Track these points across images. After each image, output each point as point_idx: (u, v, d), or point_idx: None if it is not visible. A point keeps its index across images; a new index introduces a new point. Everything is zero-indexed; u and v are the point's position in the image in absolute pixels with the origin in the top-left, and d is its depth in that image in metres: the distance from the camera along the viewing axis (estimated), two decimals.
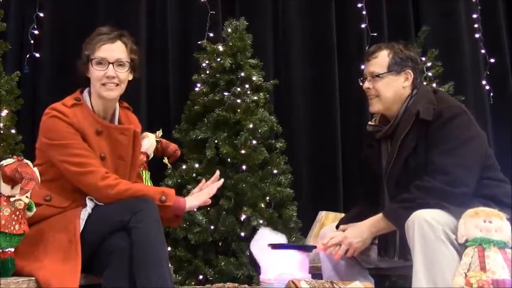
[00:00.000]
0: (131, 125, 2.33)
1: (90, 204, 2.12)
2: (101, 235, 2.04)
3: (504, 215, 2.08)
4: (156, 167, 3.05)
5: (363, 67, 2.55)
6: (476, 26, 4.45)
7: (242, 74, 3.45)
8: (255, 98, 3.45)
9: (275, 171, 3.37)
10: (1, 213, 1.95)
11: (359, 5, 4.23)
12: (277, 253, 2.28)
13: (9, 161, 2.00)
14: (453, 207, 2.12)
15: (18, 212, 1.98)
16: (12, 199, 1.97)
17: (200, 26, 3.87)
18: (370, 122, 2.56)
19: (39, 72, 3.67)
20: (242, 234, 3.18)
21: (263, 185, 3.30)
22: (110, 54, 2.20)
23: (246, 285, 2.20)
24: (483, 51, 4.43)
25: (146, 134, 2.86)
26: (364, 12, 4.21)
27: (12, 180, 1.98)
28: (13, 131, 3.14)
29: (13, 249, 1.98)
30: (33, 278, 1.99)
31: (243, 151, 3.29)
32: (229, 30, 3.56)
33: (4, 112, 3.11)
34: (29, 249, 2.04)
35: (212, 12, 3.87)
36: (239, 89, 3.43)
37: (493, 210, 2.08)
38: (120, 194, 2.09)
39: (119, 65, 2.21)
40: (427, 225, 2.05)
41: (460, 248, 2.06)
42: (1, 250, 1.96)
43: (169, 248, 3.07)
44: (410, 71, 2.41)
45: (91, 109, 2.24)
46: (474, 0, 4.46)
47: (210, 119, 3.38)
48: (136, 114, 2.49)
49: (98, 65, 2.20)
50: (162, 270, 1.96)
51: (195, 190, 2.34)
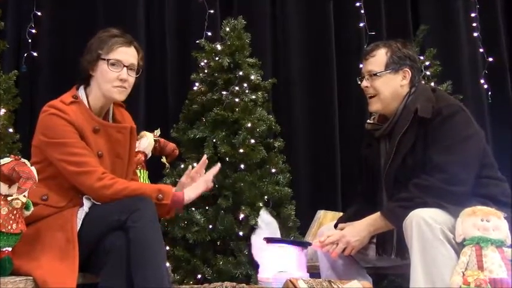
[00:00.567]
0: (127, 123, 2.34)
1: (87, 203, 2.12)
2: (98, 234, 2.04)
3: (502, 214, 2.08)
4: (154, 166, 3.04)
5: (361, 66, 2.55)
6: (474, 25, 4.44)
7: (240, 73, 3.44)
8: (253, 97, 3.45)
9: (273, 170, 3.37)
10: None
11: (357, 4, 4.22)
12: (273, 250, 2.28)
13: (6, 160, 1.99)
14: (451, 206, 2.12)
15: (15, 211, 1.98)
16: (9, 198, 1.97)
17: (198, 25, 3.87)
18: (368, 121, 2.56)
19: (36, 71, 3.66)
20: (240, 233, 3.17)
21: (261, 184, 3.29)
22: (126, 57, 2.24)
23: (244, 284, 2.19)
24: (481, 50, 4.43)
25: (144, 133, 2.86)
26: (362, 11, 4.21)
27: (9, 179, 1.97)
28: (11, 130, 3.14)
29: (10, 248, 1.98)
30: (30, 278, 1.99)
31: (241, 150, 3.28)
32: (227, 29, 3.55)
33: (2, 111, 3.11)
34: (27, 248, 2.03)
35: (210, 11, 3.87)
36: (237, 88, 3.42)
37: (491, 209, 2.08)
38: (116, 194, 2.09)
39: (131, 69, 2.25)
40: (425, 224, 2.05)
41: (458, 247, 2.06)
42: None
43: (167, 247, 3.06)
44: (408, 70, 2.41)
45: (88, 107, 2.24)
46: None
47: (208, 118, 3.37)
48: (134, 113, 2.49)
49: (112, 66, 2.22)
50: (160, 269, 1.96)
51: (183, 179, 2.34)
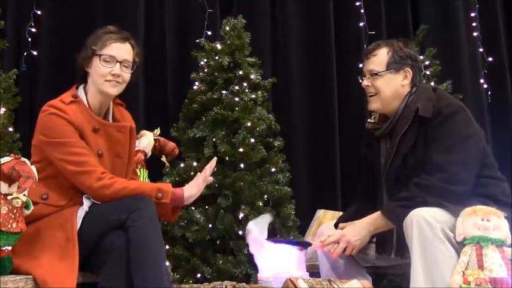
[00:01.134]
0: (127, 122, 2.34)
1: (87, 202, 2.12)
2: (98, 234, 2.04)
3: (502, 214, 2.08)
4: (154, 166, 3.04)
5: (362, 65, 2.55)
6: (474, 25, 4.45)
7: (240, 72, 3.44)
8: (253, 96, 3.44)
9: (273, 169, 3.36)
10: None
11: (357, 4, 4.23)
12: (273, 250, 2.28)
13: (6, 159, 1.99)
14: (451, 205, 2.12)
15: (15, 210, 1.97)
16: (9, 197, 1.96)
17: (198, 25, 3.87)
18: (369, 120, 2.56)
19: (36, 70, 3.66)
20: (240, 232, 3.16)
21: (261, 184, 3.29)
22: (119, 53, 2.24)
23: (244, 283, 2.19)
24: (481, 49, 4.44)
25: (144, 133, 2.86)
26: (362, 10, 4.21)
27: (9, 178, 1.97)
28: (10, 129, 3.13)
29: (10, 247, 1.98)
30: (30, 277, 1.99)
31: (241, 149, 3.28)
32: (227, 28, 3.54)
33: (2, 110, 3.10)
34: (26, 247, 2.03)
35: (210, 10, 3.87)
36: (237, 87, 3.42)
37: (491, 208, 2.08)
38: (115, 193, 2.09)
39: (125, 66, 2.25)
40: (426, 223, 2.05)
41: (458, 246, 2.06)
42: None
43: (167, 246, 3.06)
44: (409, 69, 2.41)
45: (87, 106, 2.24)
46: None
47: (208, 118, 3.37)
48: (134, 112, 2.49)
49: (106, 62, 2.23)
50: (159, 268, 1.96)
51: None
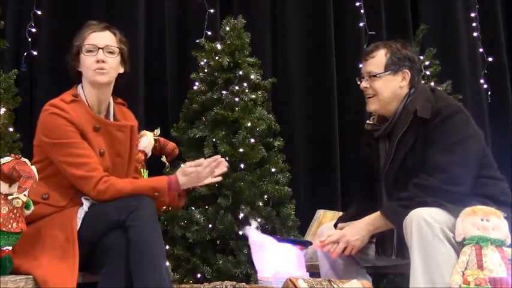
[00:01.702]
0: (128, 121, 2.34)
1: (86, 203, 2.12)
2: (98, 234, 2.05)
3: (501, 214, 2.09)
4: (154, 166, 3.04)
5: (361, 66, 2.55)
6: (474, 25, 4.44)
7: (240, 73, 3.44)
8: (253, 97, 3.44)
9: (273, 169, 3.36)
10: None
11: (357, 4, 4.22)
12: (273, 250, 2.28)
13: (6, 159, 1.99)
14: (451, 205, 2.13)
15: (16, 210, 1.98)
16: (9, 197, 1.97)
17: (198, 25, 3.86)
18: (368, 121, 2.57)
19: (36, 70, 3.66)
20: (240, 232, 3.16)
21: (261, 184, 3.29)
22: (99, 40, 2.24)
23: (244, 283, 2.19)
24: (481, 50, 4.43)
25: (144, 133, 2.85)
26: (362, 10, 4.21)
27: (9, 178, 1.97)
28: (11, 129, 3.13)
29: (11, 247, 1.98)
30: (30, 277, 1.99)
31: (241, 149, 3.28)
32: (227, 28, 3.54)
33: (2, 110, 3.10)
34: (27, 247, 2.04)
35: (210, 10, 3.87)
36: (237, 88, 3.42)
37: (491, 208, 2.09)
38: (111, 198, 2.09)
39: (109, 52, 2.24)
40: (425, 223, 2.06)
41: (458, 246, 2.07)
42: None
43: (167, 246, 3.06)
44: (407, 71, 2.42)
45: (88, 105, 2.24)
46: None
47: (208, 118, 3.37)
48: (134, 112, 2.48)
49: (88, 52, 2.23)
50: (159, 268, 1.96)
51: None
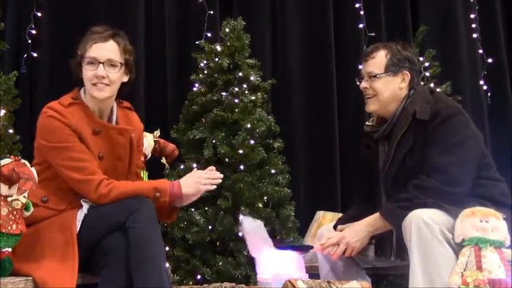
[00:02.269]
0: (129, 126, 2.30)
1: (85, 205, 2.12)
2: (98, 235, 2.04)
3: (500, 215, 2.09)
4: (154, 167, 3.04)
5: (361, 67, 2.56)
6: (473, 26, 4.45)
7: (240, 74, 3.44)
8: (253, 98, 3.44)
9: (273, 171, 3.37)
10: None
11: (357, 5, 4.23)
12: (273, 252, 2.28)
13: (6, 161, 2.00)
14: (450, 206, 2.13)
15: (15, 212, 1.98)
16: (9, 199, 1.97)
17: (198, 26, 3.87)
18: (367, 122, 2.57)
19: (36, 72, 3.67)
20: (240, 234, 3.17)
21: (261, 185, 3.29)
22: (101, 53, 2.16)
23: (244, 285, 2.20)
24: (481, 51, 4.43)
25: (144, 134, 2.85)
26: (362, 12, 4.21)
27: (9, 180, 1.98)
28: (11, 131, 3.13)
29: (10, 249, 1.99)
30: (30, 278, 1.99)
31: (241, 151, 3.28)
32: (227, 30, 3.55)
33: (2, 112, 3.10)
34: (26, 249, 2.04)
35: (210, 12, 3.87)
36: (237, 89, 3.42)
37: (490, 209, 2.09)
38: (114, 201, 2.08)
39: (111, 66, 2.17)
40: (424, 224, 2.06)
41: (457, 248, 2.07)
42: None
43: (166, 248, 3.07)
44: (407, 72, 2.42)
45: (88, 108, 2.22)
46: (472, 0, 4.46)
47: (208, 119, 3.37)
48: None
49: (89, 65, 2.17)
50: (159, 269, 1.96)
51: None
